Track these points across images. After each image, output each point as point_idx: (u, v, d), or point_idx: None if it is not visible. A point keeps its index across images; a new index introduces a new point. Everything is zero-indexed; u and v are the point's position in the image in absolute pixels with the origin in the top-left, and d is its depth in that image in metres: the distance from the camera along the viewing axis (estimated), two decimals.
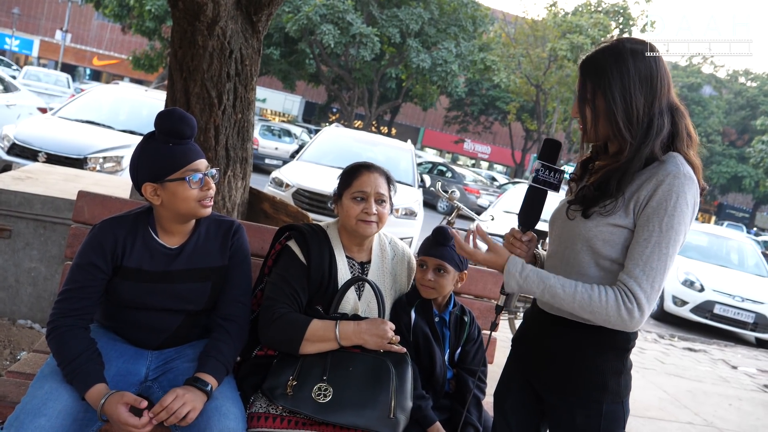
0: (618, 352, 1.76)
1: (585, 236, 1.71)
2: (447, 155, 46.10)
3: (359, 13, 23.41)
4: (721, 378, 6.59)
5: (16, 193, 3.73)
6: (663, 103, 1.69)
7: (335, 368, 2.00)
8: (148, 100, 8.57)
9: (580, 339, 1.75)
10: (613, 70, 1.67)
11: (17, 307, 3.84)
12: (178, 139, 1.97)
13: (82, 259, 1.97)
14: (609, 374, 1.74)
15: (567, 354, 1.78)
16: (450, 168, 23.12)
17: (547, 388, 1.83)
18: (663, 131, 1.67)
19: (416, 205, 8.41)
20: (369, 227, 2.18)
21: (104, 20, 37.29)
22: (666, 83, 1.69)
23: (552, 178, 1.89)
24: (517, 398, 1.95)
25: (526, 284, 1.73)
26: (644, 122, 1.66)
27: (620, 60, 1.67)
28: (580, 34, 23.98)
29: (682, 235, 1.63)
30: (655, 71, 1.67)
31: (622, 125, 1.67)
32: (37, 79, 22.30)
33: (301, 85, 34.87)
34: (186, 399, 1.80)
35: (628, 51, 1.68)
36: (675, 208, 1.60)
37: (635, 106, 1.66)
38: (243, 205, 3.93)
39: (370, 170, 2.25)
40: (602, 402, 1.74)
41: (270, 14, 3.65)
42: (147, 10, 21.92)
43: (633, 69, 1.66)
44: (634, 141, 1.67)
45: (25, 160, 6.38)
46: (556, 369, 1.80)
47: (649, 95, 1.67)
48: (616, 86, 1.66)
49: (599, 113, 1.70)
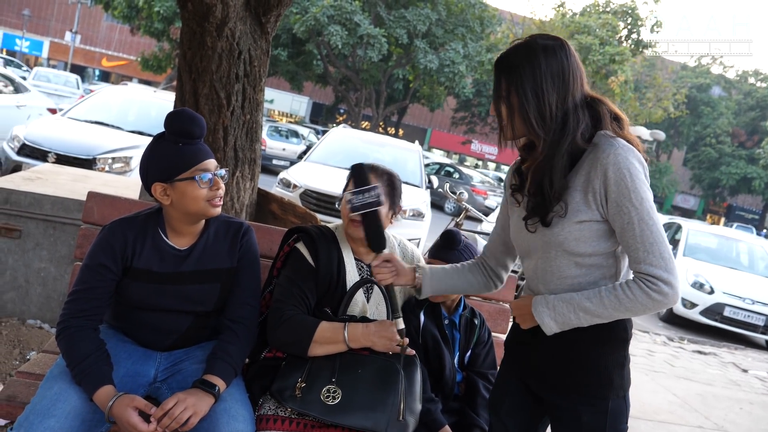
0: (618, 343, 1.74)
1: (555, 242, 1.70)
2: (454, 156, 46.02)
3: (366, 14, 23.40)
4: (732, 381, 6.54)
5: (26, 193, 3.74)
6: (577, 98, 1.69)
7: (344, 370, 2.00)
8: (156, 101, 8.60)
9: (577, 334, 1.73)
10: (525, 67, 1.67)
11: (27, 307, 3.86)
12: (187, 139, 1.97)
13: (91, 260, 1.97)
14: (613, 368, 1.72)
15: (565, 351, 1.76)
16: (457, 169, 23.09)
17: (547, 388, 1.81)
18: (580, 125, 1.67)
19: (424, 206, 8.39)
20: (356, 229, 2.14)
21: (113, 21, 37.43)
22: (578, 77, 1.70)
23: (368, 198, 1.95)
24: (514, 401, 1.93)
25: (558, 315, 1.71)
26: (558, 117, 1.67)
27: (531, 56, 1.68)
28: (588, 35, 23.87)
29: (651, 199, 1.63)
30: (566, 66, 1.68)
31: (535, 122, 1.67)
32: (46, 80, 22.44)
33: (308, 86, 34.89)
34: (187, 404, 1.79)
35: (540, 47, 1.68)
36: (633, 180, 1.60)
37: (547, 102, 1.66)
38: (251, 206, 3.93)
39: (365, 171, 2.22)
40: (608, 398, 1.72)
41: (279, 15, 3.65)
42: (155, 12, 21.98)
43: (544, 65, 1.66)
44: (548, 137, 1.67)
45: (34, 161, 6.41)
46: (556, 367, 1.78)
47: (562, 90, 1.67)
48: (528, 83, 1.66)
49: (514, 110, 1.70)
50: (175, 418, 1.76)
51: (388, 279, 1.98)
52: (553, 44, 1.69)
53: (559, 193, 1.66)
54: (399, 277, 2.02)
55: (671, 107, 28.28)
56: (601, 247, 1.68)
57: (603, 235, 1.67)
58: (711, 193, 42.23)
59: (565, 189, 1.66)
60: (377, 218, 1.99)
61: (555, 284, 1.75)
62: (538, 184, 1.70)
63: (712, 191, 41.80)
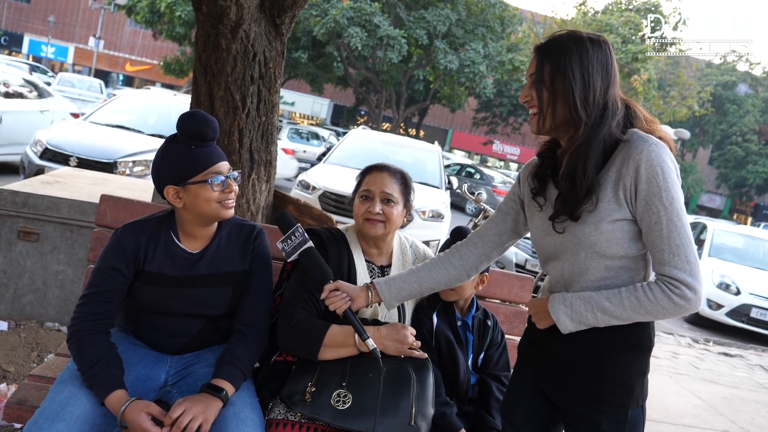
0: (643, 351, 1.71)
1: (587, 243, 1.66)
2: (475, 157, 45.82)
3: (386, 16, 23.40)
4: (759, 384, 6.40)
5: (43, 197, 3.78)
6: (616, 92, 1.69)
7: (354, 374, 1.97)
8: (177, 104, 8.67)
9: (598, 340, 1.69)
10: (573, 49, 1.67)
11: (45, 310, 3.89)
12: (200, 141, 1.96)
13: (104, 263, 1.97)
14: (636, 376, 1.69)
15: (587, 357, 1.72)
16: (478, 169, 22.97)
17: (565, 395, 1.77)
18: (618, 113, 1.67)
19: (443, 207, 8.35)
20: (373, 227, 2.14)
21: (136, 27, 37.91)
22: (616, 76, 1.71)
23: (296, 239, 1.99)
24: (528, 408, 1.89)
25: (575, 313, 1.68)
26: (600, 104, 1.66)
27: (579, 42, 1.68)
28: (611, 33, 23.61)
29: (682, 200, 1.60)
30: (610, 60, 1.69)
31: (579, 104, 1.65)
32: (71, 85, 22.78)
33: (329, 88, 34.99)
34: (194, 412, 1.76)
35: (587, 38, 1.69)
36: (665, 178, 1.57)
37: (593, 86, 1.66)
38: (267, 208, 3.92)
39: (380, 170, 2.22)
40: (628, 407, 1.69)
41: (293, 17, 3.64)
42: (177, 16, 22.22)
43: (591, 51, 1.67)
44: (590, 120, 1.65)
45: (56, 165, 6.48)
46: (576, 374, 1.73)
47: (605, 80, 1.68)
48: (576, 64, 1.66)
49: (557, 93, 1.68)
50: (184, 429, 1.74)
51: (343, 306, 1.96)
52: (598, 37, 1.71)
53: (590, 183, 1.63)
54: (354, 301, 2.00)
55: (696, 105, 27.84)
56: (632, 249, 1.66)
57: (634, 236, 1.65)
58: (737, 192, 41.59)
59: (596, 183, 1.64)
60: (315, 255, 2.00)
61: (582, 287, 1.71)
62: (571, 171, 1.67)
63: (739, 190, 41.16)
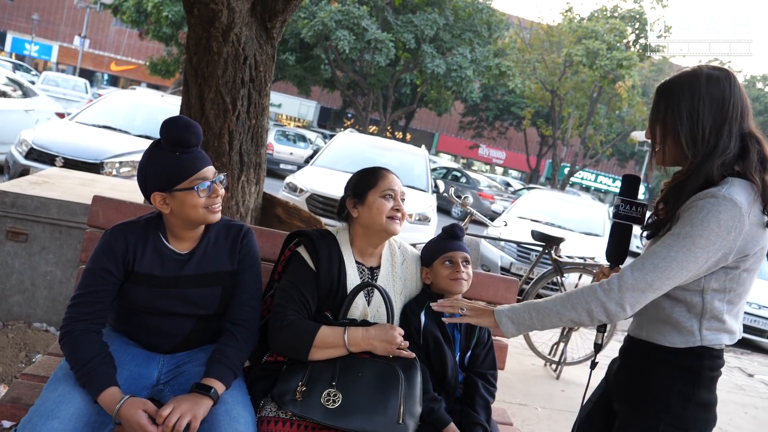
0: (687, 374, 1.75)
1: None
2: (462, 160, 46.02)
3: (374, 19, 23.48)
4: (737, 386, 6.51)
5: (32, 197, 3.78)
6: (734, 128, 1.69)
7: (344, 374, 2.01)
8: (164, 105, 8.65)
9: (653, 355, 1.79)
10: (685, 89, 1.72)
11: (33, 311, 3.89)
12: (184, 147, 1.97)
13: (94, 263, 2.00)
14: (674, 395, 1.74)
15: (639, 367, 1.83)
16: (464, 173, 23.08)
17: (619, 400, 1.89)
18: (728, 152, 1.68)
19: (430, 211, 8.40)
20: (397, 225, 2.20)
21: (122, 26, 37.68)
22: (741, 109, 1.71)
23: (634, 212, 1.96)
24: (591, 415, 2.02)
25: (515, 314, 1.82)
26: (710, 142, 1.68)
27: (694, 81, 1.72)
28: (596, 40, 23.85)
29: (700, 249, 1.60)
30: (728, 95, 1.70)
31: (685, 143, 1.70)
32: (55, 84, 22.56)
33: (316, 90, 35.01)
34: (182, 410, 1.79)
35: (705, 75, 1.72)
36: (702, 221, 1.61)
37: (701, 126, 1.69)
38: (256, 210, 3.95)
39: (388, 171, 2.28)
40: (660, 421, 1.75)
41: (284, 20, 3.68)
42: (164, 17, 22.13)
43: (704, 90, 1.70)
44: (695, 159, 1.69)
45: (42, 165, 6.45)
46: (629, 381, 1.86)
47: (719, 117, 1.69)
48: (685, 104, 1.71)
49: (668, 131, 1.75)
50: (173, 428, 1.77)
51: None
52: (719, 74, 1.72)
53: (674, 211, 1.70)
54: None
55: None
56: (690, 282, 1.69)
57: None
58: None
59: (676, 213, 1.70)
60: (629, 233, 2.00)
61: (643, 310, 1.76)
62: (665, 200, 1.76)
63: None
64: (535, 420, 4.20)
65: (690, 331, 1.73)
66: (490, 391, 2.32)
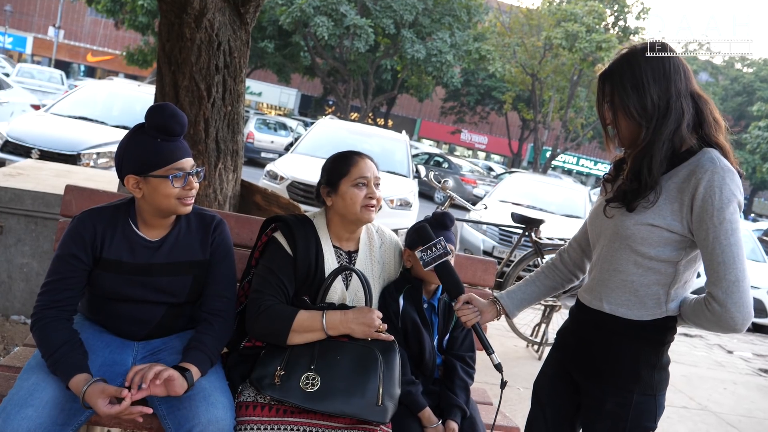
0: (654, 344, 1.80)
1: (623, 234, 1.77)
2: (444, 146, 46.05)
3: (353, 5, 23.31)
4: (717, 363, 6.62)
5: (6, 189, 3.73)
6: (681, 88, 1.73)
7: (323, 357, 2.01)
8: (141, 95, 8.56)
9: (618, 329, 1.81)
10: (624, 66, 1.77)
11: (10, 303, 3.85)
12: (167, 135, 1.96)
13: (62, 250, 1.98)
14: (643, 365, 1.79)
15: (604, 342, 1.85)
16: (446, 159, 23.10)
17: (583, 375, 1.91)
18: (686, 114, 1.72)
19: (411, 196, 8.41)
20: (372, 213, 2.19)
21: (97, 16, 37.16)
22: (682, 71, 1.75)
23: (438, 251, 2.08)
24: (555, 389, 2.03)
25: None
26: (660, 107, 1.72)
27: (631, 57, 1.78)
28: (575, 23, 23.87)
29: (736, 222, 1.65)
30: (666, 59, 1.75)
31: (636, 113, 1.74)
32: (30, 76, 22.26)
33: (296, 78, 34.77)
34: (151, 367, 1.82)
35: (640, 49, 1.78)
36: (721, 200, 1.63)
37: (648, 93, 1.72)
38: (235, 198, 3.93)
39: (363, 157, 2.25)
40: (633, 392, 1.80)
41: (258, 6, 3.64)
42: (139, 5, 21.81)
43: (643, 60, 1.75)
44: (650, 125, 1.72)
45: (17, 157, 6.38)
46: (593, 356, 1.87)
47: (663, 81, 1.73)
48: (627, 79, 1.75)
49: (617, 107, 1.78)
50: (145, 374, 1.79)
51: (474, 319, 2.09)
52: (654, 44, 1.77)
53: (655, 180, 1.71)
54: (483, 314, 2.13)
55: None
56: (664, 253, 1.74)
57: (670, 243, 1.73)
58: None
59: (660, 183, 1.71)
60: (449, 267, 2.10)
61: (609, 275, 1.83)
62: (636, 170, 1.75)
63: None
64: (517, 400, 4.23)
65: (656, 302, 1.78)
66: (469, 373, 2.34)
